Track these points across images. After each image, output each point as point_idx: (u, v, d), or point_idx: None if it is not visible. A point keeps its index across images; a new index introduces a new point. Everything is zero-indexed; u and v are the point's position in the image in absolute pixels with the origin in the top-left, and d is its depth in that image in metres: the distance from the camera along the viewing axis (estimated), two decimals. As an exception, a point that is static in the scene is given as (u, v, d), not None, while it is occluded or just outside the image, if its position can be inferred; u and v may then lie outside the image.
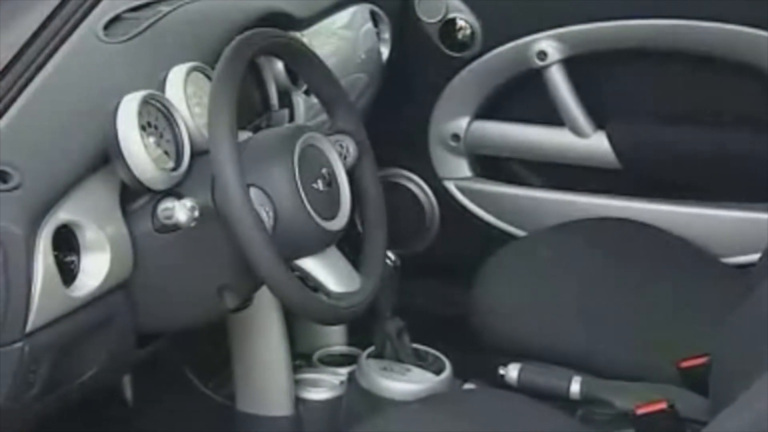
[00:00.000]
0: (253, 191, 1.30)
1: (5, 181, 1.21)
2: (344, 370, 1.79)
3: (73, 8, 1.20)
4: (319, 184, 1.38)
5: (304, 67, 1.50)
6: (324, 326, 1.88)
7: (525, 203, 2.17)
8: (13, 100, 1.22)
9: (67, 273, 1.25)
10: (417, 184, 2.27)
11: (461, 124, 2.19)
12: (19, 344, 1.19)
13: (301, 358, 1.85)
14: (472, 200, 2.22)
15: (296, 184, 1.33)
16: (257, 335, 1.71)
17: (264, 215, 1.30)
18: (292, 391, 1.73)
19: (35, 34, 1.21)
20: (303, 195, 1.33)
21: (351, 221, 1.43)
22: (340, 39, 1.96)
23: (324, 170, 1.40)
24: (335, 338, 1.92)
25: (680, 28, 1.97)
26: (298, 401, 1.74)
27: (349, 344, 1.92)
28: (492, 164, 2.24)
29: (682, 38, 1.98)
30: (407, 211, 2.27)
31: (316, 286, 1.38)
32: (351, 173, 1.49)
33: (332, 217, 1.39)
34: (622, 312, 1.73)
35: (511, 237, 2.14)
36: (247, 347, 1.72)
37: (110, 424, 1.79)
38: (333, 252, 1.41)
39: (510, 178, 2.22)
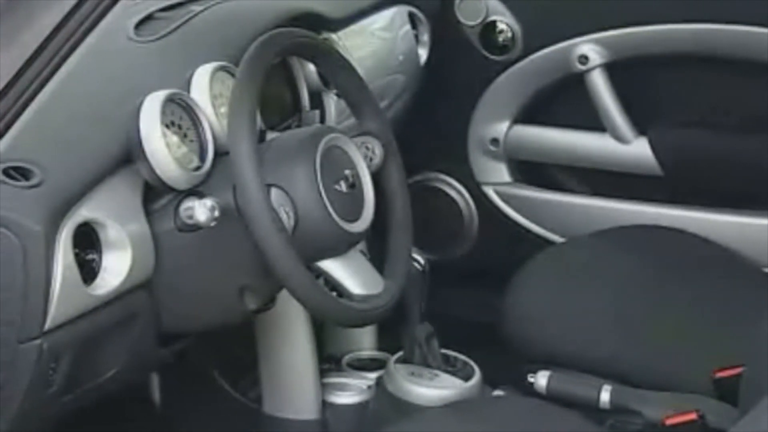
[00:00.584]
0: (273, 191, 1.30)
1: (26, 178, 1.20)
2: (372, 375, 1.78)
3: (92, 6, 1.20)
4: (342, 186, 1.36)
5: (330, 67, 1.49)
6: (354, 330, 1.87)
7: (565, 209, 2.14)
8: (34, 96, 1.22)
9: (88, 271, 1.25)
10: (455, 189, 2.25)
11: (501, 128, 2.16)
12: (37, 341, 1.19)
13: (330, 361, 1.84)
14: (511, 206, 2.19)
15: (317, 185, 1.32)
16: (284, 338, 1.70)
17: (284, 216, 1.29)
18: (318, 394, 1.73)
19: (54, 32, 1.21)
20: (324, 196, 1.32)
21: (375, 223, 1.42)
22: (379, 40, 1.95)
23: (347, 171, 1.38)
24: (365, 342, 1.90)
25: (726, 33, 1.93)
26: (325, 405, 1.73)
27: (379, 349, 1.91)
28: (532, 169, 2.21)
29: (727, 43, 1.94)
30: (445, 216, 2.25)
31: (338, 289, 1.37)
32: (377, 175, 1.47)
33: (354, 219, 1.38)
34: (656, 320, 1.70)
35: (550, 243, 2.11)
36: (274, 350, 1.71)
37: (137, 425, 1.80)
38: (356, 254, 1.40)
39: (550, 184, 2.19)
